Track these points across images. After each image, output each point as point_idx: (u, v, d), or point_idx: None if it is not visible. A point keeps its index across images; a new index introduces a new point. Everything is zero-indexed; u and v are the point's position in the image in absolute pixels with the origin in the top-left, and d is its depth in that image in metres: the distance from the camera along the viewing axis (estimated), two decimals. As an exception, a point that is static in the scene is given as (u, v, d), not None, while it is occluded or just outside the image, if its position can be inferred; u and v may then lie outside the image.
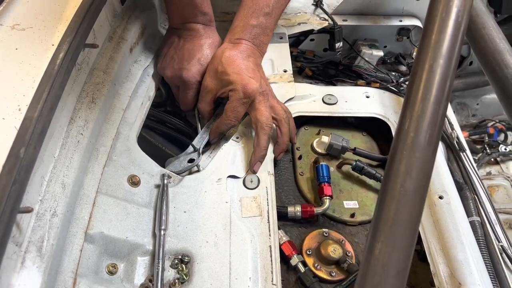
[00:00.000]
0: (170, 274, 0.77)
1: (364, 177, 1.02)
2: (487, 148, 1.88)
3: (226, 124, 0.96)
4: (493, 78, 0.79)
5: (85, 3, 0.80)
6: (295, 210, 0.93)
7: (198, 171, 0.95)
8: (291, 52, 1.24)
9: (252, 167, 0.93)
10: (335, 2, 1.32)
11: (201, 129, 1.03)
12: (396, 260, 0.50)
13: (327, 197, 0.94)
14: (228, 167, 0.94)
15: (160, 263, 0.75)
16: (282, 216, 0.93)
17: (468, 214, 0.92)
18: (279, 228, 0.88)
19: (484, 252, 0.86)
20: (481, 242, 0.88)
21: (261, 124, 0.93)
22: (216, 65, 0.99)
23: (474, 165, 1.04)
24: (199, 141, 1.01)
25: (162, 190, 0.85)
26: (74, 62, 0.74)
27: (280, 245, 0.86)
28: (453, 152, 1.06)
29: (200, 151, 0.98)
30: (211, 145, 1.02)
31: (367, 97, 1.14)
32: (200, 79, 1.03)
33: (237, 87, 0.93)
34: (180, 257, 0.79)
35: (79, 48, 0.75)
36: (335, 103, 1.11)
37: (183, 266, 0.78)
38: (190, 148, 0.98)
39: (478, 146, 1.91)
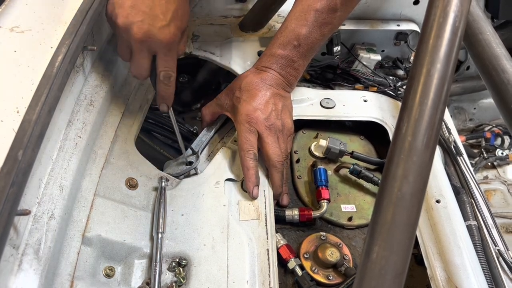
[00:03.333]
0: (168, 277, 0.77)
1: (361, 181, 1.03)
2: (484, 152, 1.89)
3: (247, 158, 0.91)
4: (490, 83, 0.80)
5: (84, 6, 0.80)
6: (292, 213, 0.93)
7: (196, 174, 0.95)
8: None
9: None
10: (333, 6, 1.32)
11: (178, 129, 0.99)
12: (393, 264, 0.50)
13: (325, 201, 0.94)
14: (226, 170, 0.94)
15: (158, 266, 0.75)
16: (280, 220, 0.93)
17: (465, 218, 0.92)
18: (276, 232, 0.88)
19: (481, 256, 0.87)
20: (478, 246, 0.88)
21: (273, 162, 0.92)
22: (235, 87, 0.99)
23: (471, 169, 1.04)
24: (198, 144, 1.01)
25: (159, 193, 0.85)
26: (72, 64, 0.74)
27: (277, 249, 0.86)
28: (450, 156, 1.07)
29: (199, 154, 0.98)
30: (210, 148, 1.02)
31: (365, 101, 1.14)
32: (180, 35, 0.83)
33: (241, 118, 0.93)
34: (177, 260, 0.79)
35: (78, 51, 0.75)
36: (333, 107, 1.11)
37: (181, 269, 0.77)
38: (189, 151, 0.98)
39: (475, 150, 1.91)
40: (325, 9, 0.96)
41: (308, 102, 1.12)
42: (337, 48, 1.22)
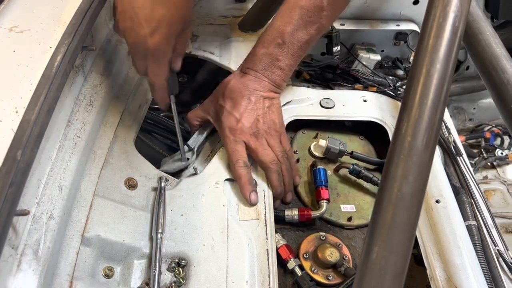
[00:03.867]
0: (167, 277, 0.77)
1: (361, 181, 1.03)
2: (483, 152, 1.89)
3: (238, 168, 0.90)
4: (489, 83, 0.80)
5: (83, 6, 0.80)
6: (292, 213, 0.93)
7: (195, 174, 0.95)
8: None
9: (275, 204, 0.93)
10: (333, 6, 1.32)
11: (177, 120, 0.98)
12: (393, 264, 0.50)
13: (324, 201, 0.94)
14: (226, 170, 0.93)
15: (157, 266, 0.75)
16: (279, 220, 0.93)
17: (465, 218, 0.92)
18: (276, 232, 0.88)
19: (480, 256, 0.86)
20: (478, 246, 0.88)
21: (266, 164, 0.91)
22: (219, 94, 0.97)
23: (471, 169, 1.04)
24: (194, 141, 1.01)
25: (159, 193, 0.85)
26: (72, 64, 0.74)
27: (277, 249, 0.86)
28: (450, 156, 1.06)
29: (195, 150, 0.98)
30: (209, 148, 1.02)
31: (365, 101, 1.14)
32: (167, 43, 0.82)
33: (225, 132, 0.92)
34: (177, 260, 0.79)
35: (77, 51, 0.75)
36: (332, 107, 1.11)
37: (180, 269, 0.77)
38: (185, 148, 0.98)
39: (475, 150, 1.91)
40: (311, 7, 0.93)
41: (308, 102, 1.12)
42: (336, 48, 1.22)
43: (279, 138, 0.97)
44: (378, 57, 1.27)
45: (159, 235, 0.79)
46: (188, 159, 0.96)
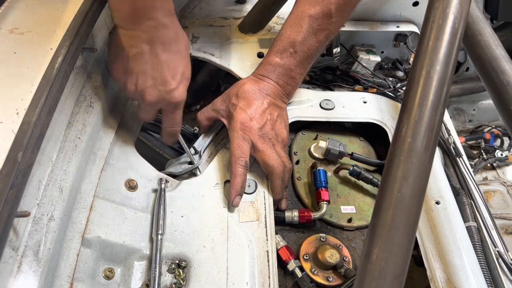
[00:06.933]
0: (167, 279, 0.77)
1: (361, 182, 1.03)
2: (483, 153, 1.89)
3: (237, 165, 0.89)
4: (489, 84, 0.80)
5: (84, 8, 0.80)
6: (292, 215, 0.93)
7: (195, 175, 0.95)
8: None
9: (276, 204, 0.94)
10: (333, 7, 1.32)
11: (188, 150, 0.98)
12: (393, 265, 0.50)
13: (325, 202, 0.94)
14: (226, 172, 0.94)
15: (157, 267, 0.75)
16: (280, 221, 0.93)
17: (465, 219, 0.92)
18: (276, 233, 0.88)
19: (480, 257, 0.87)
20: (478, 248, 0.88)
21: (272, 169, 0.90)
22: (232, 94, 0.98)
23: (471, 170, 1.04)
24: (201, 143, 1.01)
25: (159, 194, 0.85)
26: (72, 66, 0.74)
27: (277, 250, 0.86)
28: (450, 157, 1.07)
29: (201, 153, 0.98)
30: (210, 150, 1.02)
31: (364, 102, 1.14)
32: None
33: (236, 125, 0.92)
34: (177, 261, 0.79)
35: (78, 52, 0.75)
36: (332, 108, 1.11)
37: (180, 270, 0.77)
38: (191, 151, 0.98)
39: (475, 152, 1.92)
40: (319, 15, 0.95)
41: (308, 103, 1.12)
42: (336, 50, 1.23)
43: (284, 149, 0.97)
44: (378, 59, 1.27)
45: (159, 237, 0.79)
46: (194, 162, 0.96)
